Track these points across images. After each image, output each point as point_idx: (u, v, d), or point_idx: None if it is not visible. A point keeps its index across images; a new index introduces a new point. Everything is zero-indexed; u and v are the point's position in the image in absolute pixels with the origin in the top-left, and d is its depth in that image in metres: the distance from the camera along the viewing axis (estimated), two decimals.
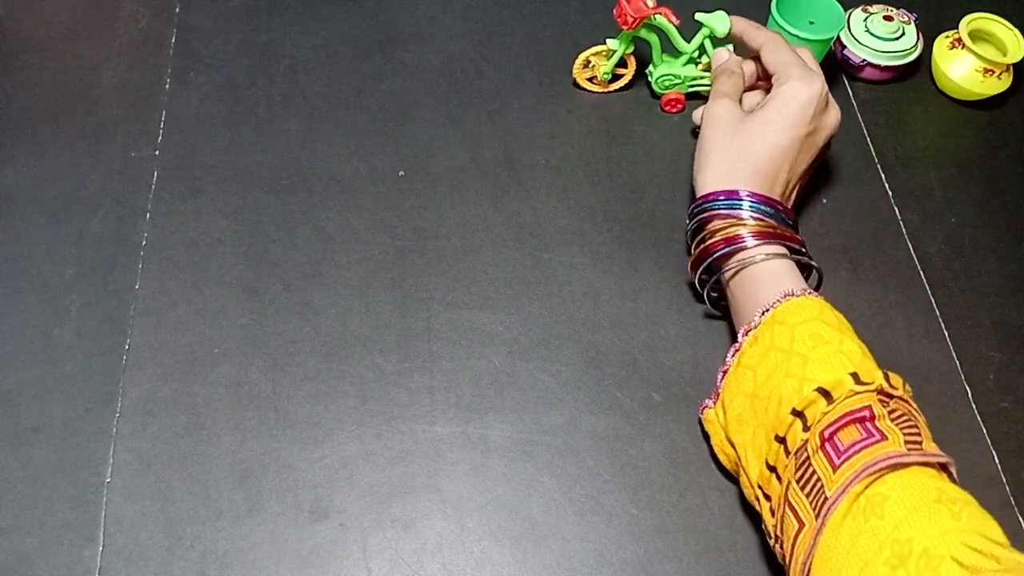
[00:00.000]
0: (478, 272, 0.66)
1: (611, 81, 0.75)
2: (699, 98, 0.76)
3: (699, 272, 0.61)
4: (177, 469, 0.56)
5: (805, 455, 0.48)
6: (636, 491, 0.57)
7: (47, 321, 0.61)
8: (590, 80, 0.75)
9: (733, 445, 0.55)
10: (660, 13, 0.68)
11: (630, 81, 0.75)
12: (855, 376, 0.49)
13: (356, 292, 0.64)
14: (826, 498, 0.46)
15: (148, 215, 0.66)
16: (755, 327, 0.55)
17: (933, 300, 0.67)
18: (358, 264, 0.65)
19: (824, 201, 0.72)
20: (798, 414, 0.50)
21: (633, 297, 0.65)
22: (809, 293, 0.56)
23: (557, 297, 0.65)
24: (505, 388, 0.61)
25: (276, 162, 0.70)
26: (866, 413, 0.48)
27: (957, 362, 0.64)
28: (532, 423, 0.59)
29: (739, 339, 0.56)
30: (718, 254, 0.59)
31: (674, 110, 0.75)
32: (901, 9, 0.79)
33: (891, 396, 0.50)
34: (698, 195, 0.61)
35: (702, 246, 0.60)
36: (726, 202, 0.59)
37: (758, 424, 0.52)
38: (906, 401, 0.50)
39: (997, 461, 0.60)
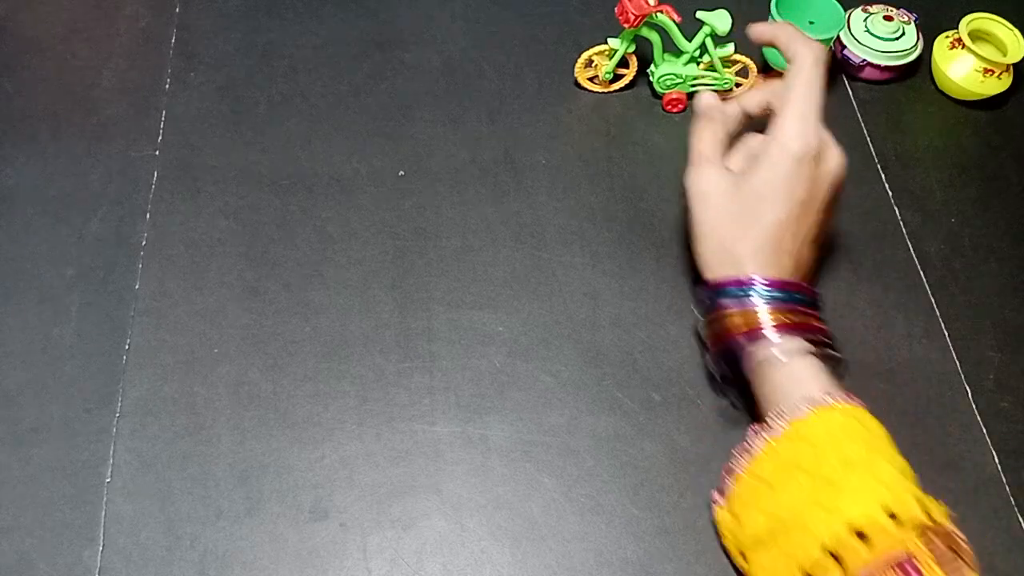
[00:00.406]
0: (478, 272, 0.66)
1: (612, 81, 0.75)
2: None
3: (716, 361, 0.57)
4: (177, 469, 0.56)
5: None
6: (636, 491, 0.57)
7: (47, 321, 0.61)
8: (591, 80, 0.75)
9: (746, 559, 0.52)
10: (661, 11, 0.68)
11: (631, 81, 0.75)
12: (893, 516, 0.45)
13: (356, 292, 0.64)
14: None
15: (148, 215, 0.66)
16: (772, 435, 0.51)
17: (933, 300, 0.67)
18: (358, 264, 0.65)
19: None
20: (833, 556, 0.46)
21: (633, 297, 0.65)
22: (835, 399, 0.51)
23: (557, 297, 0.65)
24: (505, 388, 0.61)
25: (276, 162, 0.70)
26: (906, 559, 0.45)
27: (957, 362, 0.64)
28: (532, 423, 0.59)
29: (751, 439, 0.52)
30: (735, 345, 0.55)
31: (675, 110, 0.75)
32: (901, 9, 0.79)
33: (934, 531, 0.46)
34: (707, 281, 0.58)
35: (717, 331, 0.56)
36: (738, 291, 0.55)
37: (780, 552, 0.48)
38: (951, 534, 0.47)
39: (997, 461, 0.60)
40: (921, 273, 0.68)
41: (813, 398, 0.51)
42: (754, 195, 0.56)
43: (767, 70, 0.76)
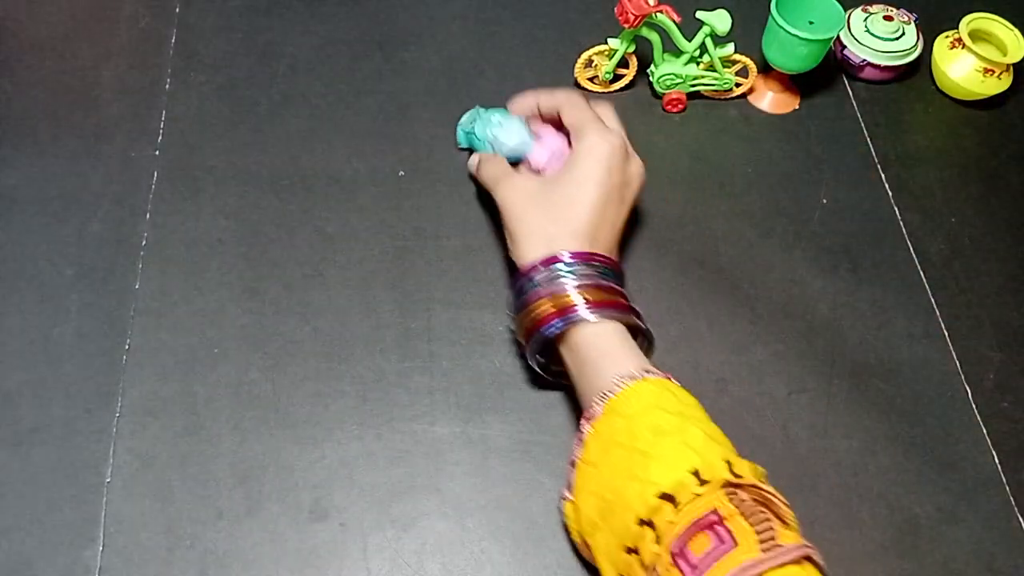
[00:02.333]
0: (478, 272, 0.66)
1: (612, 81, 0.75)
2: (701, 98, 0.76)
3: (532, 349, 0.57)
4: (177, 469, 0.56)
5: (657, 575, 0.45)
6: None
7: (47, 321, 0.61)
8: (591, 80, 0.75)
9: (589, 547, 0.51)
10: (661, 11, 0.68)
11: (631, 81, 0.75)
12: (696, 474, 0.46)
13: (356, 292, 0.64)
14: None
15: (148, 215, 0.66)
16: (597, 418, 0.52)
17: (933, 300, 0.67)
18: (358, 264, 0.65)
19: (824, 201, 0.72)
20: (647, 523, 0.46)
21: (633, 297, 0.65)
22: (647, 373, 0.52)
23: None
24: (505, 388, 0.61)
25: (276, 162, 0.70)
26: (714, 517, 0.45)
27: (957, 362, 0.64)
28: (532, 423, 0.59)
29: (581, 428, 0.53)
30: (549, 332, 0.55)
31: (675, 110, 0.75)
32: (901, 9, 0.79)
33: (739, 486, 0.47)
34: (519, 270, 0.58)
35: (530, 322, 0.56)
36: (549, 270, 0.56)
37: (610, 531, 0.49)
38: (757, 488, 0.47)
39: (997, 461, 0.60)
40: (921, 273, 0.68)
41: (625, 374, 0.52)
42: (566, 187, 0.59)
43: (767, 70, 0.76)
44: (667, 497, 0.46)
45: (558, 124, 0.65)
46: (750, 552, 0.43)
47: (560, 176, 0.60)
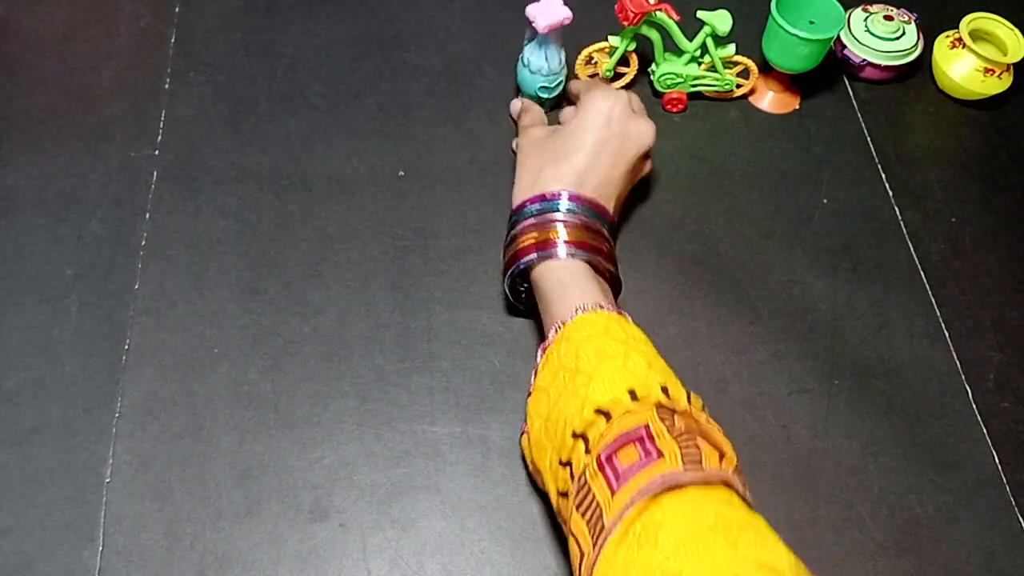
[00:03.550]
0: (478, 272, 0.66)
1: (613, 79, 0.75)
2: (701, 98, 0.76)
3: (507, 278, 0.60)
4: (177, 469, 0.56)
5: (584, 480, 0.46)
6: None
7: (47, 321, 0.61)
8: (592, 77, 0.75)
9: (540, 472, 0.52)
10: (661, 9, 0.68)
11: (632, 80, 0.75)
12: (632, 393, 0.48)
13: (356, 292, 0.64)
14: (603, 526, 0.43)
15: (148, 215, 0.66)
16: (550, 345, 0.54)
17: (933, 300, 0.67)
18: (358, 264, 0.65)
19: (824, 201, 0.72)
20: (580, 436, 0.48)
21: (633, 297, 0.65)
22: (603, 307, 0.54)
23: None
24: (505, 388, 0.61)
25: (276, 162, 0.70)
26: (643, 432, 0.46)
27: (957, 362, 0.64)
28: None
29: (537, 358, 0.55)
30: (524, 263, 0.58)
31: (676, 109, 0.75)
32: (901, 9, 0.79)
33: (673, 411, 0.48)
34: (514, 206, 0.62)
35: (511, 254, 0.60)
36: (541, 205, 0.60)
37: (552, 448, 0.50)
38: (692, 416, 0.48)
39: (997, 461, 0.60)
40: (921, 273, 0.68)
41: (580, 305, 0.54)
42: (567, 135, 0.62)
43: (767, 70, 0.76)
44: (602, 412, 0.48)
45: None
46: (672, 465, 0.44)
47: (564, 126, 0.64)
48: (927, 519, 0.58)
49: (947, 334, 0.65)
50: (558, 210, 0.59)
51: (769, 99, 0.76)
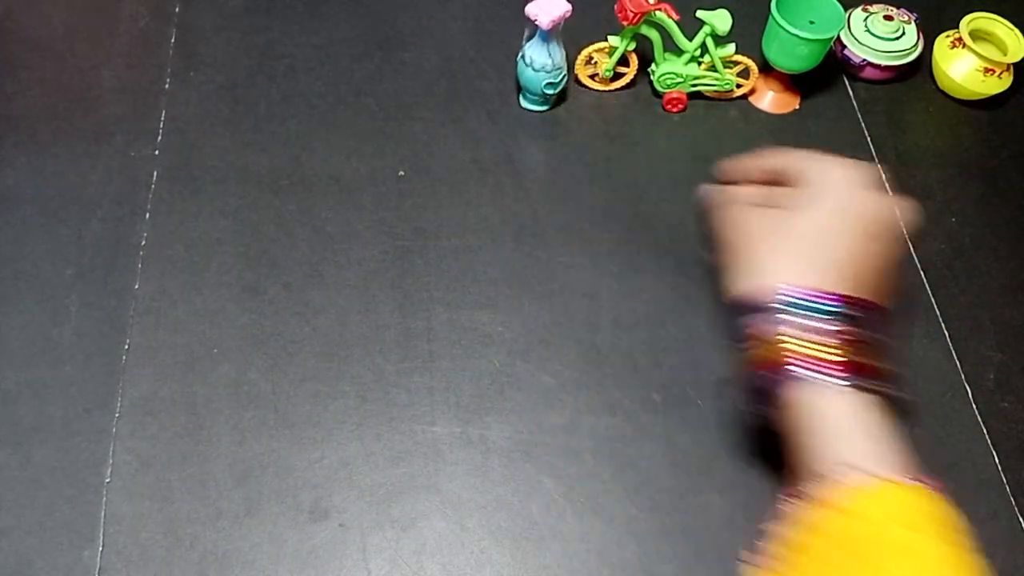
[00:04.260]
0: (478, 272, 0.66)
1: (613, 79, 0.75)
2: (701, 97, 0.76)
3: (743, 395, 0.53)
4: (177, 469, 0.56)
5: None
6: (636, 492, 0.57)
7: (47, 321, 0.61)
8: (592, 77, 0.75)
9: None
10: (660, 9, 0.68)
11: (632, 80, 0.75)
12: None
13: (356, 292, 0.64)
14: None
15: (148, 215, 0.66)
16: (811, 499, 0.45)
17: (933, 300, 0.67)
18: (358, 264, 0.65)
19: None
20: None
21: (633, 297, 0.65)
22: (896, 475, 0.45)
23: (557, 297, 0.65)
24: (505, 388, 0.61)
25: (276, 162, 0.70)
26: None
27: (957, 362, 0.64)
28: (532, 423, 0.59)
29: (793, 503, 0.47)
30: (763, 383, 0.49)
31: (675, 109, 0.75)
32: (901, 9, 0.79)
33: None
34: (732, 302, 0.53)
35: (744, 363, 0.51)
36: (760, 308, 0.50)
37: None
38: None
39: (997, 461, 0.60)
40: (921, 273, 0.68)
41: (866, 468, 0.44)
42: (799, 208, 0.54)
43: (767, 70, 0.76)
44: None
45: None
46: None
47: (792, 205, 0.54)
48: None
49: (947, 334, 0.65)
50: (789, 311, 0.48)
51: (769, 99, 0.76)
